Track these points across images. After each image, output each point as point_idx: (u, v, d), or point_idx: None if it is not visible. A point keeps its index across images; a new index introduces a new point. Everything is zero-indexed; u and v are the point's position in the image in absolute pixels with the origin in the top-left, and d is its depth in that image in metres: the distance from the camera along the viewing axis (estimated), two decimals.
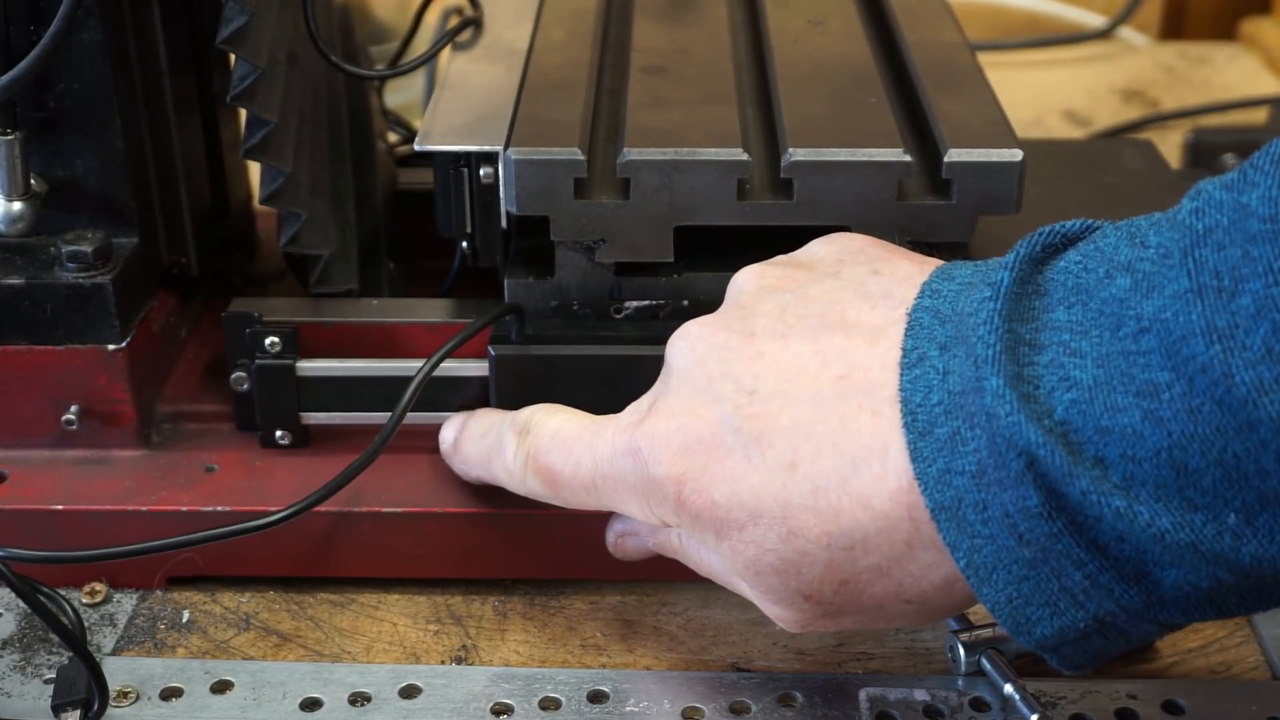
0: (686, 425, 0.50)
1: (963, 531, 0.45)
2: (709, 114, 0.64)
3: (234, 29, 0.61)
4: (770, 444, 0.48)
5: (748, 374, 0.50)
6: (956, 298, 0.48)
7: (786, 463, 0.48)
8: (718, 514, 0.50)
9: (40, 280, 0.63)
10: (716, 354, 0.51)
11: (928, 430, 0.45)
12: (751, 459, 0.49)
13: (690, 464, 0.50)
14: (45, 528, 0.62)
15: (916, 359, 0.47)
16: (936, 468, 0.45)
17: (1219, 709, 0.57)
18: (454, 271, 0.70)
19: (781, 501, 0.48)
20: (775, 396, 0.49)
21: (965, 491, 0.44)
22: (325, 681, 0.58)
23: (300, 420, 0.65)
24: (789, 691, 0.58)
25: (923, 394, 0.46)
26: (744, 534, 0.49)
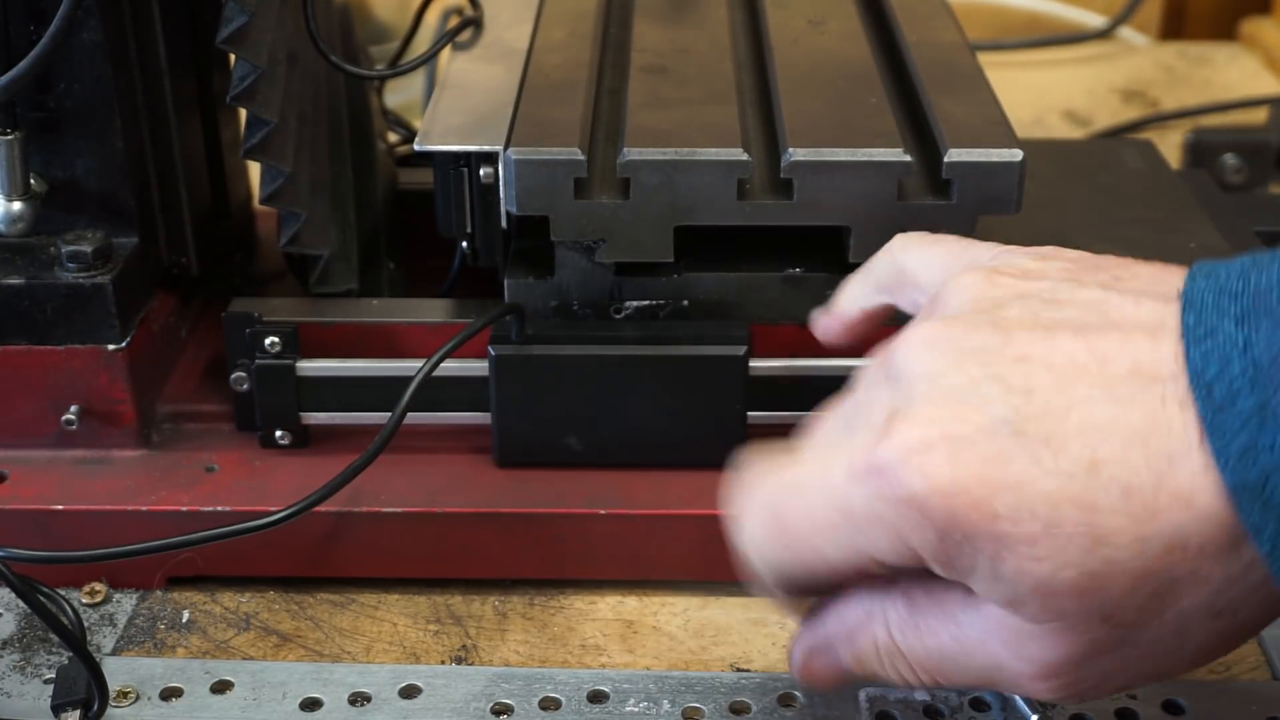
0: (951, 430, 0.43)
1: (1268, 513, 0.41)
2: (709, 114, 0.64)
3: (234, 29, 0.61)
4: (1063, 445, 0.42)
5: (1017, 375, 0.43)
6: (1244, 275, 0.43)
7: (1087, 463, 0.42)
8: (999, 530, 0.42)
9: (40, 280, 0.63)
10: (973, 356, 0.44)
11: (1227, 404, 0.41)
12: (1041, 462, 0.42)
13: (961, 473, 0.42)
14: (45, 528, 0.62)
15: (1204, 333, 0.42)
16: (1240, 443, 0.41)
17: (1219, 709, 0.57)
18: (454, 271, 0.70)
19: (1085, 506, 0.42)
20: (1059, 394, 0.43)
21: (1274, 468, 0.40)
22: (325, 681, 0.58)
23: (300, 420, 0.65)
24: (789, 691, 0.58)
25: (1219, 366, 0.41)
26: (1035, 549, 0.42)
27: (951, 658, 0.47)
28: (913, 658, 0.48)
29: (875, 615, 0.48)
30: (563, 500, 0.63)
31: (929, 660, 0.47)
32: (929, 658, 0.47)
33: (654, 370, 0.62)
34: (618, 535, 0.63)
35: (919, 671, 0.48)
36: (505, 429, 0.64)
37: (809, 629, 0.51)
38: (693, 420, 0.63)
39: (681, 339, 0.62)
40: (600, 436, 0.63)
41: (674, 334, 0.63)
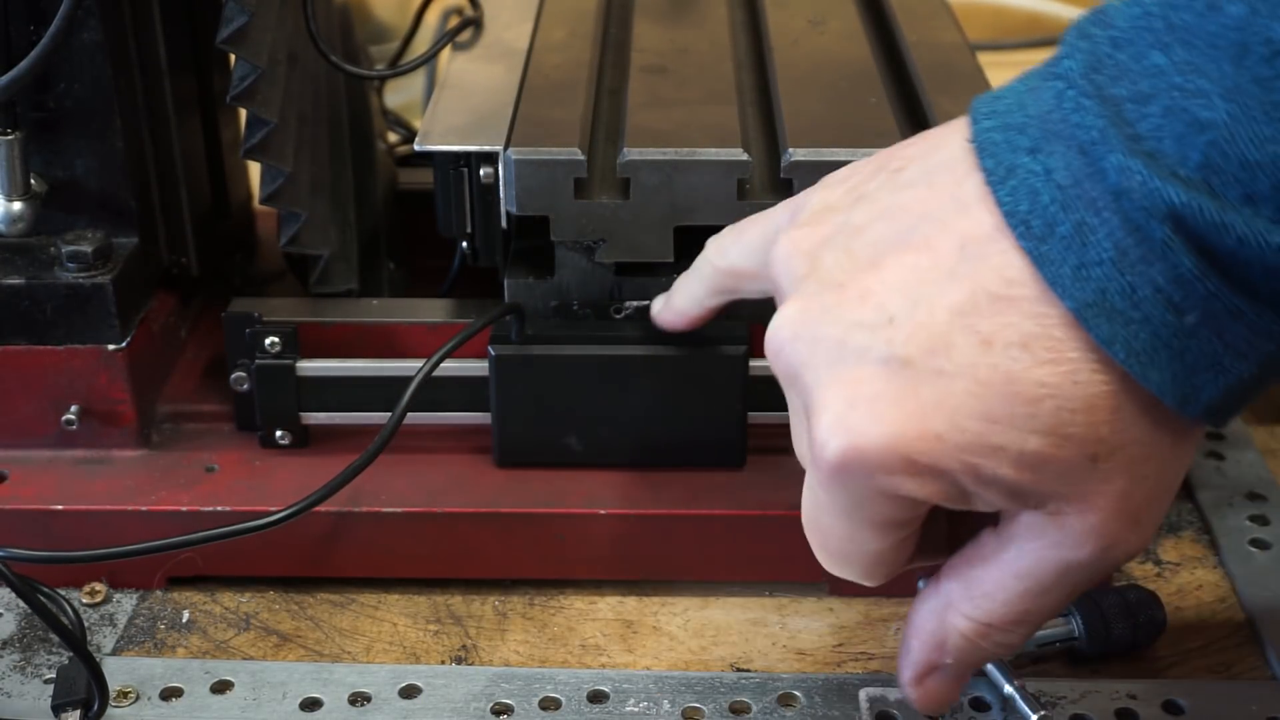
0: (852, 395, 0.44)
1: (1114, 322, 0.42)
2: (709, 114, 0.64)
3: (234, 29, 0.61)
4: (948, 345, 0.44)
5: (870, 313, 0.45)
6: (1023, 105, 0.44)
7: (977, 346, 0.43)
8: (951, 446, 0.43)
9: (40, 280, 0.63)
10: (825, 323, 0.46)
11: (1047, 233, 0.42)
12: (943, 372, 0.43)
13: (886, 425, 0.44)
14: (45, 528, 0.62)
15: (1005, 173, 0.43)
16: (1069, 266, 0.42)
17: (1219, 709, 0.57)
18: (454, 271, 0.70)
19: (1002, 381, 0.43)
20: (917, 308, 0.44)
21: (1107, 281, 0.42)
22: (325, 681, 0.58)
23: (300, 420, 0.65)
24: (789, 692, 0.58)
25: (1029, 200, 0.43)
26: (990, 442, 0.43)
27: (1024, 594, 0.47)
28: (998, 620, 0.48)
29: (944, 614, 0.49)
30: (563, 500, 0.63)
31: (1012, 611, 0.48)
32: (1010, 610, 0.48)
33: (654, 370, 0.62)
34: (618, 535, 0.63)
35: (1013, 629, 0.48)
36: (505, 429, 0.64)
37: (904, 660, 0.51)
38: (693, 420, 0.63)
39: (681, 339, 0.62)
40: (600, 436, 0.63)
41: (674, 334, 0.62)
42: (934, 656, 0.50)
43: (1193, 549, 0.66)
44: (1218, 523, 0.67)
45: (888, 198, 0.47)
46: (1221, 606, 0.63)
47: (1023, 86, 0.45)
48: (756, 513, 0.62)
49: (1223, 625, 0.62)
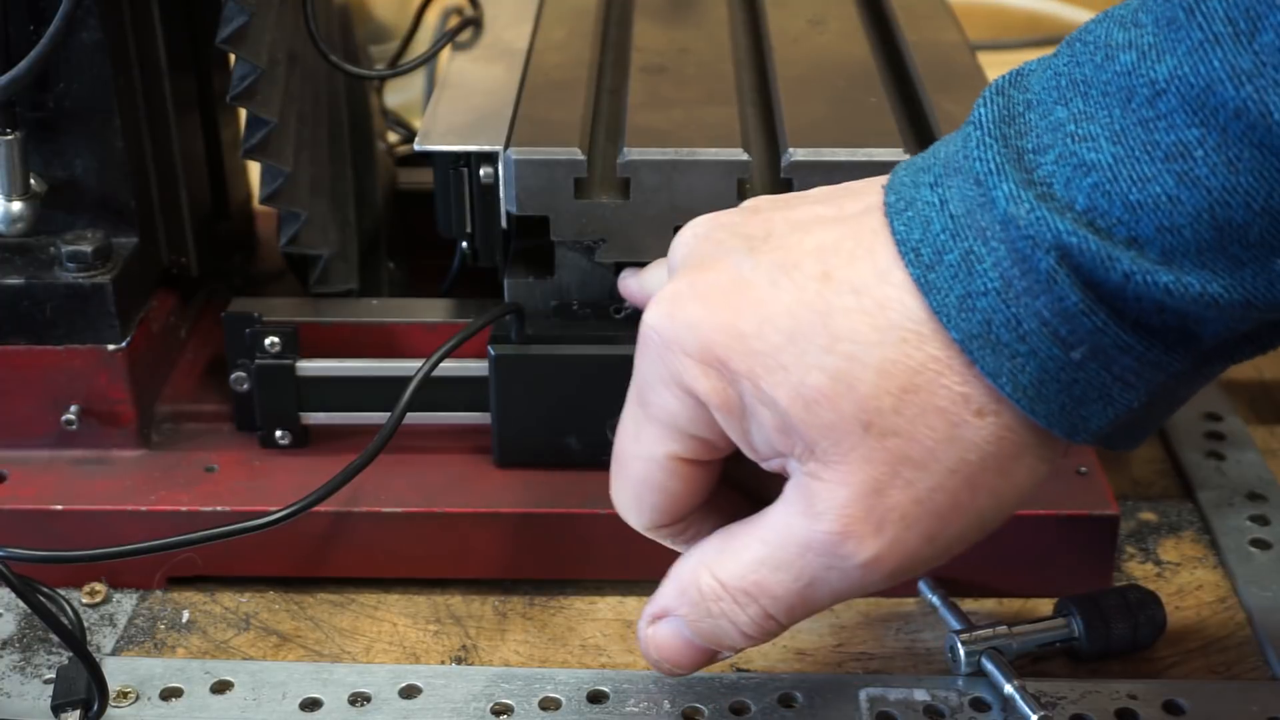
0: (697, 279, 0.47)
1: (1000, 355, 0.43)
2: (709, 114, 0.64)
3: (234, 29, 0.61)
4: (797, 264, 0.46)
5: (758, 229, 0.48)
6: (934, 152, 0.46)
7: (818, 275, 0.45)
8: (749, 347, 0.45)
9: (40, 280, 0.63)
10: (721, 229, 0.49)
11: (935, 261, 0.43)
12: (777, 283, 0.45)
13: (708, 308, 0.46)
14: (45, 528, 0.62)
15: (903, 206, 0.45)
16: (955, 295, 0.43)
17: (1219, 709, 0.57)
18: (454, 271, 0.70)
19: (820, 310, 0.44)
20: (793, 234, 0.47)
21: (993, 312, 0.42)
22: (325, 681, 0.58)
23: (300, 420, 0.65)
24: (789, 692, 0.58)
25: (921, 229, 0.44)
26: (781, 357, 0.45)
27: (764, 561, 0.47)
28: (731, 583, 0.48)
29: (697, 561, 0.50)
30: (563, 500, 0.63)
31: (745, 578, 0.48)
32: (744, 575, 0.48)
33: None
34: (618, 535, 0.62)
35: (742, 600, 0.48)
36: (505, 429, 0.64)
37: (651, 598, 0.52)
38: None
39: None
40: (600, 436, 0.63)
41: None
42: (672, 602, 0.50)
43: (1193, 549, 0.66)
44: (1218, 523, 0.67)
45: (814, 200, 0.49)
46: (1221, 606, 0.63)
47: (941, 142, 0.47)
48: None
49: (1223, 625, 0.62)
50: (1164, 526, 0.68)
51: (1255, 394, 0.77)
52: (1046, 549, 0.62)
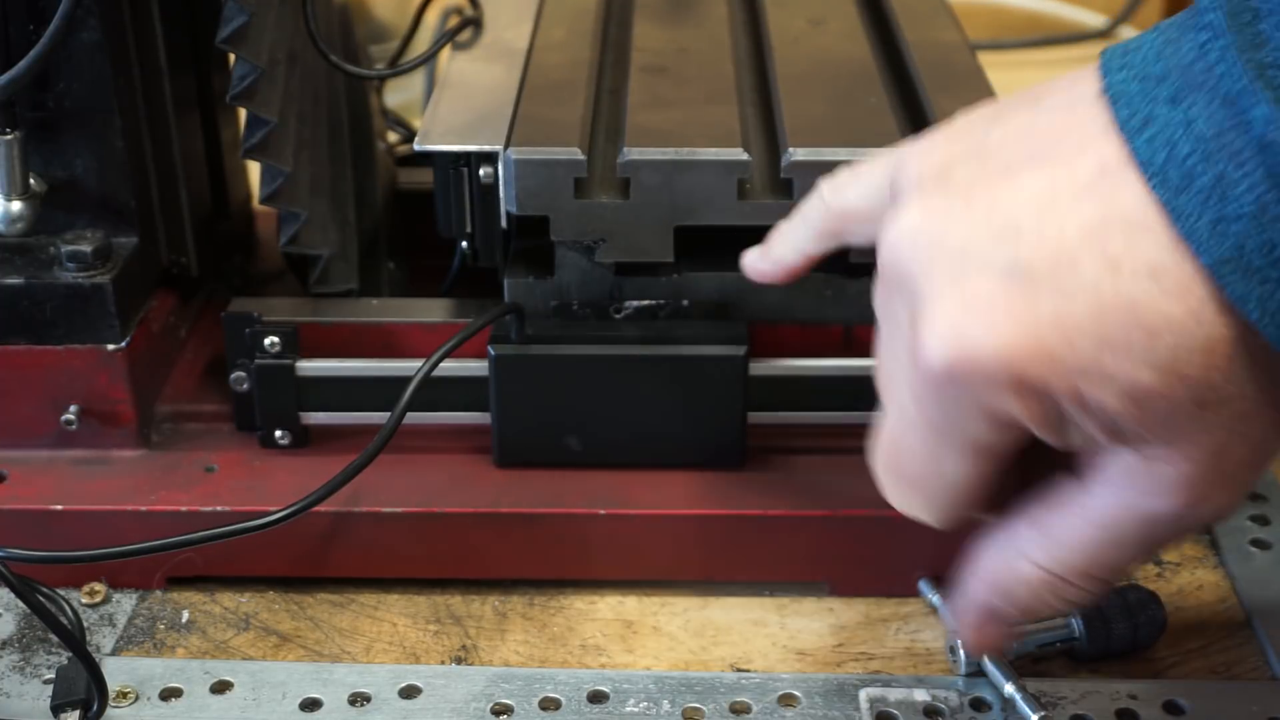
0: (969, 302, 0.43)
1: (1250, 280, 0.41)
2: (709, 114, 0.64)
3: (234, 29, 0.61)
4: (1074, 261, 0.42)
5: (999, 221, 0.43)
6: (1160, 58, 0.43)
7: (1105, 266, 0.42)
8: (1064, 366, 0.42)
9: (40, 280, 0.63)
10: (948, 230, 0.44)
11: (1185, 185, 0.41)
12: (1064, 287, 0.42)
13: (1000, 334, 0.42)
14: (45, 528, 0.62)
15: (1141, 123, 0.42)
16: (1207, 220, 0.41)
17: (1219, 709, 0.57)
18: (454, 271, 0.70)
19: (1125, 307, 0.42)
20: (1045, 221, 0.43)
21: (1246, 236, 0.40)
22: (325, 681, 0.58)
23: (300, 420, 0.65)
24: (789, 692, 0.58)
25: (1166, 151, 0.41)
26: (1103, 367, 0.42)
27: (1101, 544, 0.46)
28: (1066, 570, 0.47)
29: (1011, 556, 0.48)
30: (563, 500, 0.63)
31: (1088, 563, 0.46)
32: (1086, 560, 0.46)
33: (654, 370, 0.62)
34: (618, 535, 0.63)
35: (1085, 582, 0.47)
36: (505, 429, 0.64)
37: (961, 604, 0.50)
38: (692, 420, 0.63)
39: (681, 339, 0.62)
40: (600, 436, 0.63)
41: (674, 334, 0.63)
42: (996, 602, 0.49)
43: (1193, 549, 0.66)
44: (1218, 523, 0.67)
45: (1027, 120, 0.45)
46: (1221, 606, 0.63)
47: (1159, 39, 0.43)
48: (756, 513, 0.62)
49: (1223, 625, 0.62)
50: None
51: None
52: None
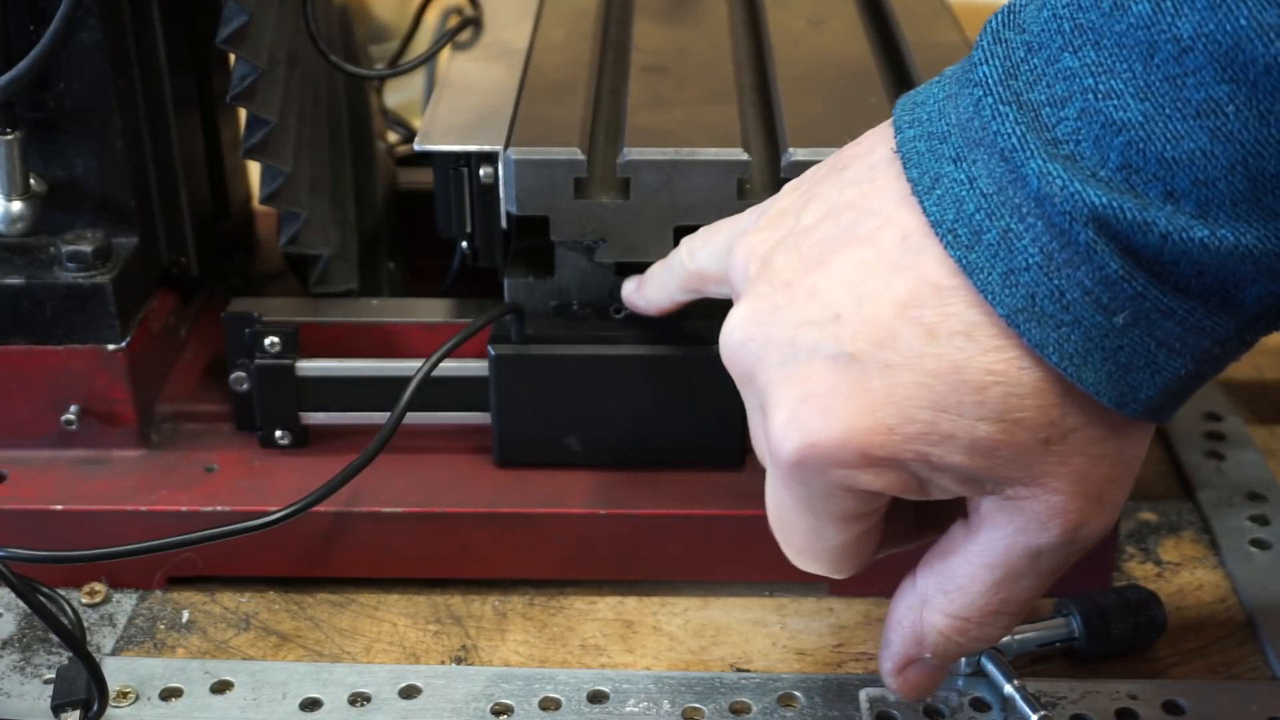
0: (804, 392, 0.45)
1: (1045, 326, 0.43)
2: (709, 114, 0.64)
3: (234, 29, 0.61)
4: (894, 336, 0.44)
5: (818, 309, 0.46)
6: (943, 113, 0.45)
7: (923, 336, 0.44)
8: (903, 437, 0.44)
9: (40, 280, 0.63)
10: (775, 323, 0.47)
11: (974, 241, 0.43)
12: (890, 364, 0.44)
13: (836, 419, 0.45)
14: (45, 528, 0.62)
15: (930, 183, 0.44)
16: (998, 273, 0.43)
17: (1219, 709, 0.57)
18: (454, 271, 0.70)
19: (949, 371, 0.44)
20: (861, 303, 0.45)
21: (1035, 285, 0.42)
22: (325, 681, 0.58)
23: (300, 420, 0.65)
24: (789, 692, 0.58)
25: (954, 209, 0.44)
26: (941, 430, 0.44)
27: (997, 583, 0.48)
28: (971, 613, 0.49)
29: (919, 607, 0.50)
30: (563, 500, 0.63)
31: (988, 603, 0.48)
32: (986, 601, 0.48)
33: (654, 370, 0.62)
34: (618, 535, 0.63)
35: (991, 620, 0.49)
36: (505, 429, 0.64)
37: (884, 653, 0.52)
38: (693, 420, 0.63)
39: (681, 339, 0.62)
40: (600, 436, 0.63)
41: (674, 334, 0.63)
42: (913, 651, 0.51)
43: (1193, 549, 0.66)
44: (1218, 523, 0.67)
45: (834, 195, 0.47)
46: (1221, 606, 0.63)
47: (941, 93, 0.46)
48: (756, 513, 0.61)
49: (1223, 625, 0.62)
50: (1164, 526, 0.68)
51: (1255, 394, 0.77)
52: None
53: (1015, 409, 0.44)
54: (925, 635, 0.50)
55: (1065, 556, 0.47)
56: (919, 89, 0.47)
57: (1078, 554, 0.47)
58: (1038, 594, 0.48)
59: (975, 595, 0.48)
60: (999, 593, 0.48)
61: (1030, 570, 0.47)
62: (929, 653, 0.50)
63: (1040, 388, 0.44)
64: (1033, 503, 0.45)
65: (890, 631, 0.51)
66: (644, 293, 0.61)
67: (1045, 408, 0.44)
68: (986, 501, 0.46)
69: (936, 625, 0.49)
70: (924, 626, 0.50)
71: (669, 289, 0.59)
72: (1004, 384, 0.44)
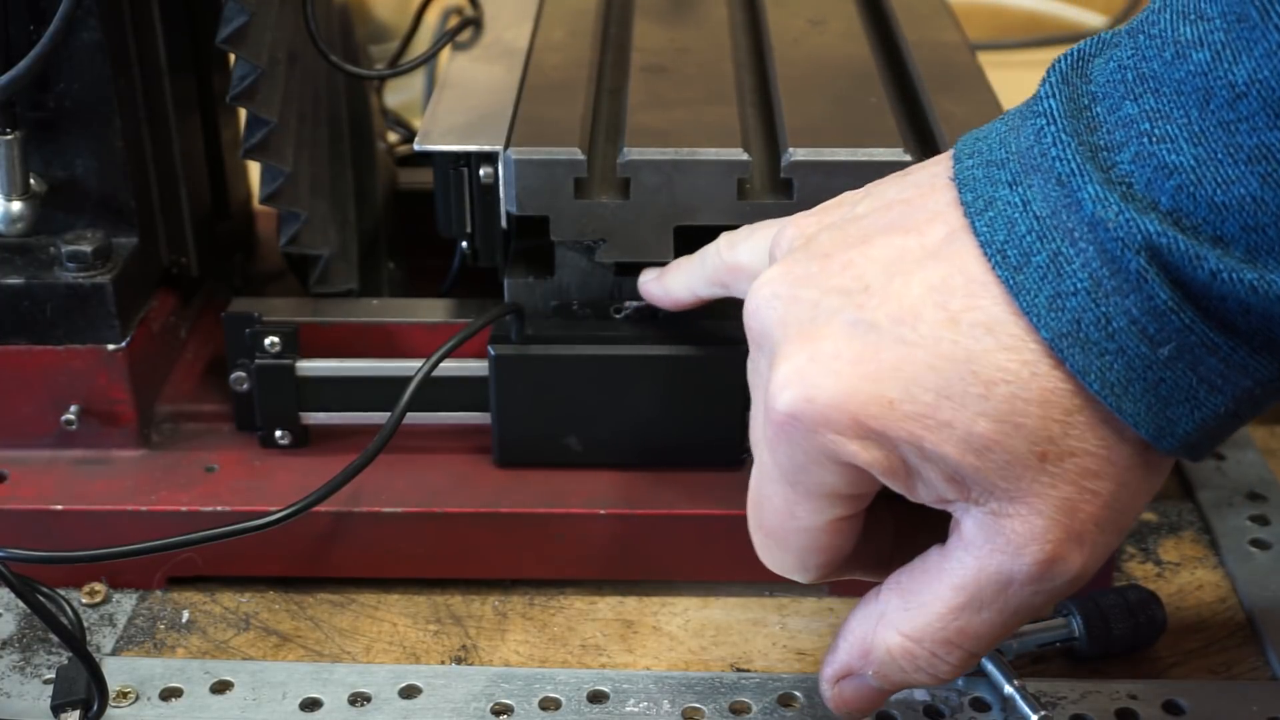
0: (815, 351, 0.45)
1: (1089, 353, 0.43)
2: (709, 114, 0.64)
3: (234, 28, 0.61)
4: (917, 315, 0.44)
5: (849, 279, 0.46)
6: (1004, 143, 0.45)
7: (945, 321, 0.44)
8: (902, 413, 0.44)
9: (40, 280, 0.63)
10: (805, 285, 0.46)
11: (1023, 263, 0.43)
12: (905, 339, 0.44)
13: (842, 381, 0.44)
14: (45, 528, 0.62)
15: (983, 205, 0.44)
16: (1044, 296, 0.43)
17: (1219, 709, 0.57)
18: (454, 271, 0.70)
19: (961, 359, 0.44)
20: (892, 279, 0.45)
21: (1082, 311, 0.42)
22: (325, 681, 0.58)
23: (300, 420, 0.65)
24: (789, 692, 0.58)
25: (1005, 230, 0.44)
26: (940, 415, 0.44)
27: (959, 609, 0.47)
28: (926, 636, 0.48)
29: (875, 619, 0.49)
30: (563, 500, 0.63)
31: (945, 629, 0.47)
32: (944, 625, 0.47)
33: (654, 370, 0.62)
34: (618, 535, 0.63)
35: (943, 650, 0.48)
36: (505, 429, 0.64)
37: (828, 658, 0.51)
38: (693, 420, 0.63)
39: (681, 339, 0.62)
40: (600, 436, 0.63)
41: (674, 334, 0.63)
42: (856, 663, 0.50)
43: (1193, 549, 0.66)
44: (1218, 523, 0.67)
45: (892, 194, 0.48)
46: (1221, 606, 0.63)
47: (1004, 126, 0.46)
48: None
49: (1223, 625, 0.62)
50: (1164, 526, 0.68)
51: None
52: None
53: (1018, 413, 0.43)
54: (873, 650, 0.49)
55: (1034, 595, 0.46)
56: (983, 127, 0.47)
57: (1047, 598, 0.46)
58: (995, 635, 0.47)
59: (934, 616, 0.47)
60: (958, 619, 0.47)
61: (996, 600, 0.46)
62: (871, 670, 0.49)
63: (1048, 399, 0.43)
64: (1013, 522, 0.45)
65: (839, 638, 0.51)
66: (664, 282, 0.60)
67: (1048, 420, 0.44)
68: (967, 519, 0.46)
69: (887, 642, 0.48)
70: (874, 640, 0.49)
71: (694, 281, 0.58)
72: (1013, 385, 0.43)
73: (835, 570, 0.50)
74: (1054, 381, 0.43)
